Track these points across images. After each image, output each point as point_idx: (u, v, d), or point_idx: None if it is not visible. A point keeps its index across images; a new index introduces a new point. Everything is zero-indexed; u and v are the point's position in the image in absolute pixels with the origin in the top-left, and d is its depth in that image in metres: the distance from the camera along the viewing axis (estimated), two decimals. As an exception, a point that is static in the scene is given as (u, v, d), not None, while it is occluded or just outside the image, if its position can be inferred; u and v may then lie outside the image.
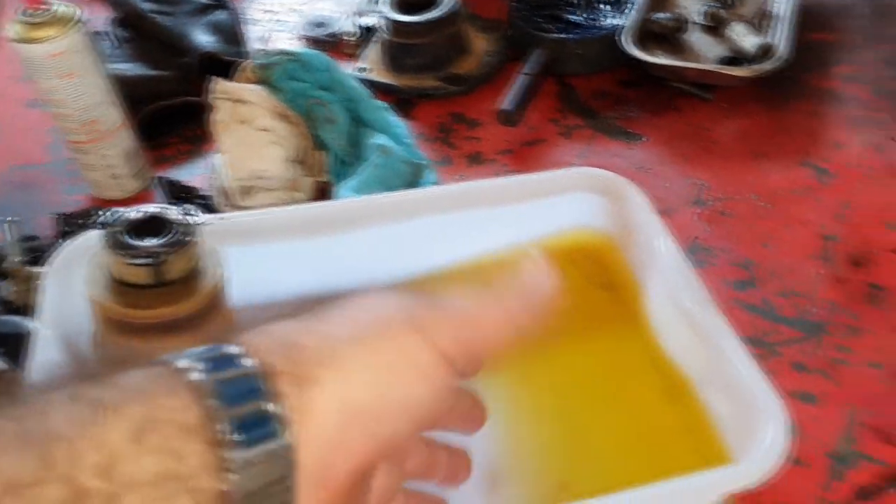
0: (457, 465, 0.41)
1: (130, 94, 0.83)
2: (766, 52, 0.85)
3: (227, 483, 0.27)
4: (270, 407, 0.28)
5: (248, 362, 0.29)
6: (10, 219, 0.67)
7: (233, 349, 0.30)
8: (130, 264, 0.52)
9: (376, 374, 0.31)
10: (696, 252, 0.72)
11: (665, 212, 0.75)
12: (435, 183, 0.80)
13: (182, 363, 0.29)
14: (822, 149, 0.80)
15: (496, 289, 0.37)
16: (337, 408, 0.30)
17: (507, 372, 0.64)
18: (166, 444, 0.27)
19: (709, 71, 0.84)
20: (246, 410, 0.28)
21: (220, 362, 0.29)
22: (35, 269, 0.64)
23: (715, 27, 0.90)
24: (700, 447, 0.58)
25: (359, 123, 0.82)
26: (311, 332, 0.31)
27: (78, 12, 0.73)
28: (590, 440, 0.59)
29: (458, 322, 0.35)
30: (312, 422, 0.29)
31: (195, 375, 0.28)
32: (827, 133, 0.82)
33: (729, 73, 0.83)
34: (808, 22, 0.93)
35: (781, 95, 0.86)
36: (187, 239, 0.53)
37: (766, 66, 0.82)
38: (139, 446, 0.26)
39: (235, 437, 0.27)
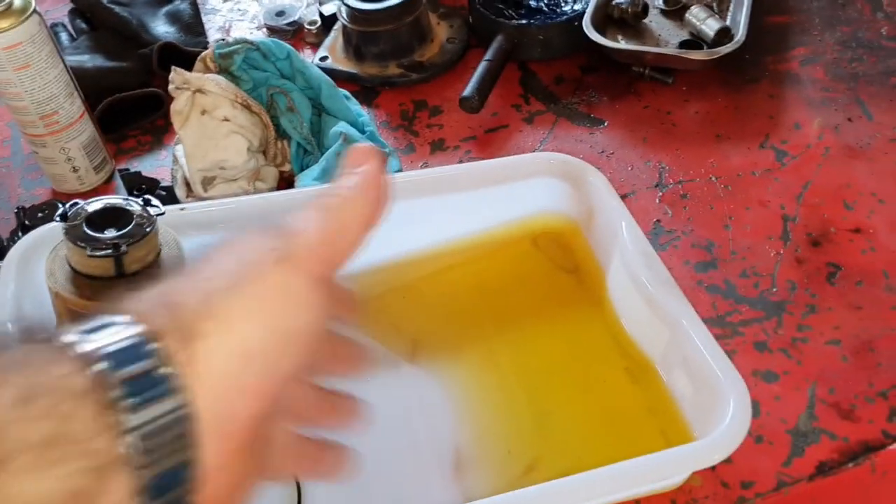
0: (348, 409, 0.42)
1: (89, 85, 0.82)
2: (724, 35, 0.86)
3: (123, 445, 0.27)
4: (160, 367, 0.28)
5: (133, 328, 0.29)
6: (-34, 213, 0.66)
7: (117, 318, 0.30)
8: (91, 256, 0.51)
9: (257, 315, 0.31)
10: (658, 234, 0.73)
11: (627, 195, 0.77)
12: (399, 169, 0.80)
13: (68, 337, 0.29)
14: (781, 130, 0.81)
15: (338, 191, 0.38)
16: (226, 356, 0.30)
17: (471, 355, 0.64)
18: (55, 408, 0.26)
19: (668, 55, 0.85)
20: (135, 372, 0.28)
21: (106, 331, 0.29)
22: (-7, 264, 0.63)
23: (675, 11, 0.91)
24: (664, 427, 0.59)
25: (320, 112, 0.82)
26: (189, 289, 0.32)
27: (33, 3, 0.72)
28: (555, 422, 0.60)
29: (318, 240, 0.35)
30: (205, 374, 0.29)
31: (82, 346, 0.28)
32: (786, 115, 0.83)
33: (688, 56, 0.84)
34: (765, 5, 0.94)
35: (740, 78, 0.87)
36: (147, 230, 0.53)
37: (725, 49, 0.83)
38: (26, 411, 0.26)
39: (128, 400, 0.27)
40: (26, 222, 0.67)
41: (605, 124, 0.84)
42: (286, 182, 0.80)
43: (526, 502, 0.48)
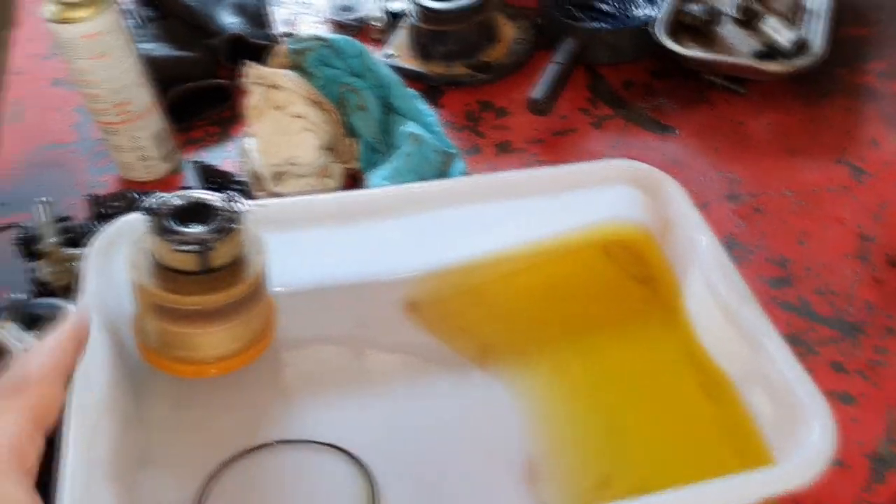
0: None
1: (157, 75, 0.82)
2: (800, 47, 0.84)
3: None
4: None
5: None
6: (43, 199, 0.66)
7: None
8: (177, 250, 0.51)
9: None
10: (732, 248, 0.72)
11: (699, 206, 0.75)
12: (464, 172, 0.79)
13: None
14: (857, 146, 0.80)
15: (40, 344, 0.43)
16: None
17: (541, 362, 0.64)
18: None
19: (743, 65, 0.84)
20: None
21: None
22: (71, 251, 0.64)
23: (748, 20, 0.90)
24: (740, 445, 0.58)
25: (389, 111, 0.82)
26: None
27: (112, -7, 0.72)
28: (628, 436, 0.59)
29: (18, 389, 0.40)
30: None
31: None
32: (863, 130, 0.81)
33: (763, 68, 0.82)
34: (843, 16, 0.92)
35: (816, 91, 0.86)
36: (233, 226, 0.53)
37: (801, 61, 0.81)
38: None
39: None
40: (101, 211, 0.67)
41: (676, 132, 0.83)
42: (352, 179, 0.80)
43: (608, 519, 0.47)
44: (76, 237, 0.67)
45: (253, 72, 0.73)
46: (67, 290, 0.64)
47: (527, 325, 0.66)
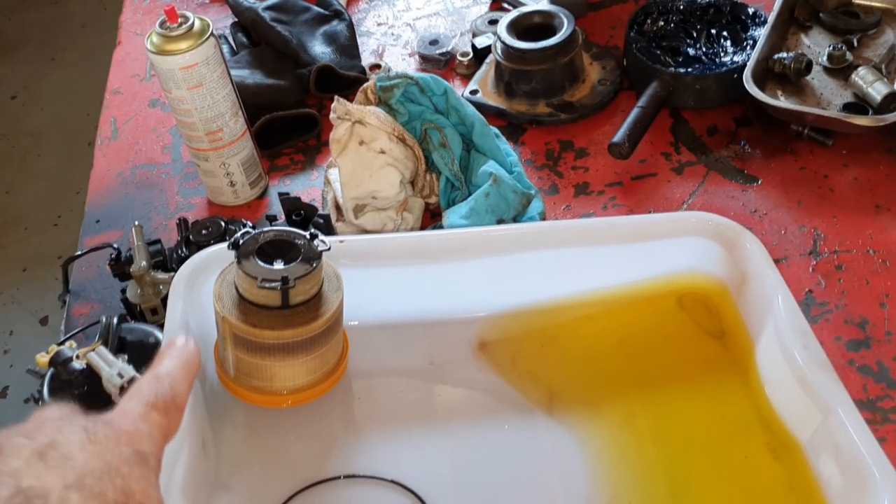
0: None
1: (247, 101, 0.85)
2: (892, 100, 0.82)
3: None
4: None
5: None
6: (136, 223, 0.70)
7: None
8: (260, 287, 0.53)
9: None
10: (810, 306, 0.70)
11: (779, 260, 0.75)
12: (542, 211, 0.80)
13: None
14: (947, 206, 0.78)
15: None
16: None
17: (609, 412, 0.64)
18: None
19: (831, 118, 0.82)
20: None
21: None
22: (160, 276, 0.67)
23: (840, 70, 0.88)
24: (805, 511, 0.57)
25: (471, 148, 0.83)
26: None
27: (210, 26, 0.75)
28: (691, 492, 0.59)
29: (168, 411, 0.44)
30: None
31: None
32: (953, 190, 0.79)
33: (852, 121, 0.81)
34: (938, 70, 0.90)
35: (906, 146, 0.84)
36: (314, 265, 0.55)
37: (892, 116, 0.79)
38: None
39: None
40: (190, 237, 0.70)
41: (759, 182, 0.82)
42: (431, 214, 0.81)
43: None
44: (166, 261, 0.70)
45: (340, 107, 0.75)
46: (154, 312, 0.67)
47: (596, 372, 0.67)
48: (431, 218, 0.81)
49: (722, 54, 0.91)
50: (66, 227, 2.05)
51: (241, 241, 0.55)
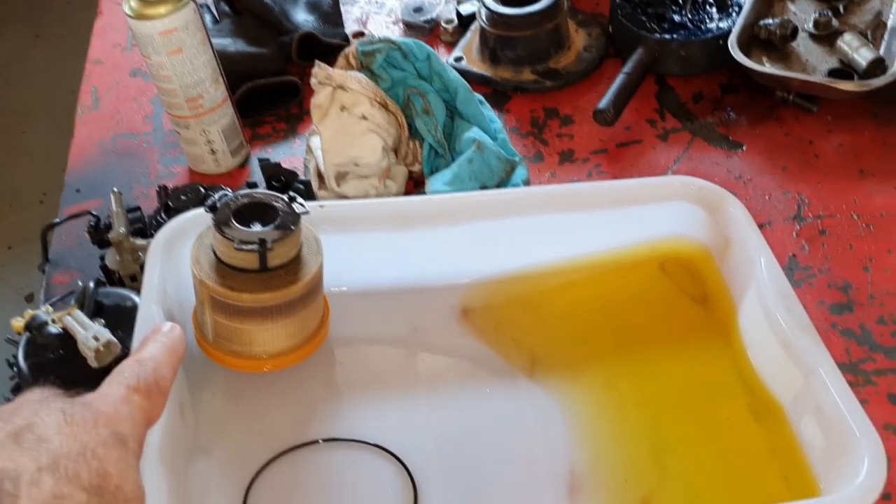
0: None
1: (229, 69, 0.84)
2: (878, 66, 0.82)
3: None
4: None
5: None
6: (115, 189, 0.69)
7: None
8: (238, 249, 0.53)
9: None
10: (794, 270, 0.70)
11: (763, 225, 0.74)
12: (527, 179, 0.79)
13: None
14: (931, 171, 0.77)
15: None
16: None
17: (591, 376, 0.64)
18: None
19: (816, 83, 0.82)
20: None
21: None
22: (139, 242, 0.66)
23: (826, 36, 0.87)
24: (786, 472, 0.57)
25: (454, 115, 0.82)
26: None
27: (190, -10, 0.74)
28: (673, 454, 0.59)
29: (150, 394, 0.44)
30: None
31: None
32: (938, 154, 0.79)
33: (837, 86, 0.80)
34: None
35: (892, 112, 0.83)
36: (292, 228, 0.54)
37: (878, 81, 0.79)
38: None
39: None
40: (169, 203, 0.69)
41: (744, 148, 0.82)
42: (414, 182, 0.81)
43: (647, 540, 0.47)
44: (144, 228, 0.69)
45: (321, 72, 0.74)
46: (133, 278, 0.66)
47: (578, 337, 0.66)
48: (415, 186, 0.81)
49: (707, 21, 0.90)
50: (51, 204, 2.03)
51: (218, 204, 0.55)
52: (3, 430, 0.35)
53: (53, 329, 0.55)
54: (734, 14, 0.89)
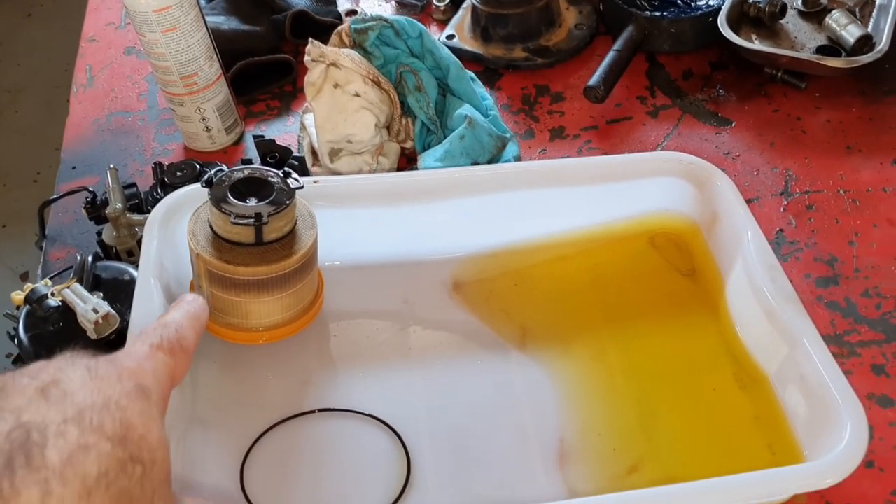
0: None
1: (223, 47, 0.85)
2: (865, 43, 0.83)
3: None
4: None
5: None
6: (111, 166, 0.70)
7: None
8: (234, 223, 0.53)
9: None
10: (781, 244, 0.71)
11: (751, 201, 0.75)
12: (518, 155, 0.80)
13: None
14: (917, 147, 0.79)
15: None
16: None
17: (580, 348, 0.65)
18: None
19: (804, 60, 0.82)
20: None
21: None
22: (135, 217, 0.67)
23: (814, 13, 0.88)
24: (771, 440, 0.58)
25: (446, 92, 0.83)
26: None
27: (183, -33, 0.74)
28: (661, 424, 0.60)
29: (174, 352, 0.45)
30: None
31: None
32: (924, 131, 0.80)
33: (825, 63, 0.81)
34: (912, 13, 0.90)
35: (878, 88, 0.84)
36: (287, 202, 0.55)
37: (866, 58, 0.80)
38: None
39: None
40: (165, 179, 0.70)
41: (733, 125, 0.83)
42: (407, 159, 0.81)
43: (633, 504, 0.49)
44: (141, 204, 0.70)
45: (314, 50, 0.75)
46: (130, 254, 0.67)
47: (568, 310, 0.68)
48: (408, 163, 0.82)
49: (698, -2, 0.91)
50: (46, 183, 2.04)
51: (214, 179, 0.55)
52: (30, 386, 0.36)
53: (53, 302, 0.56)
54: (724, -9, 0.90)
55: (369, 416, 0.59)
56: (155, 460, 0.37)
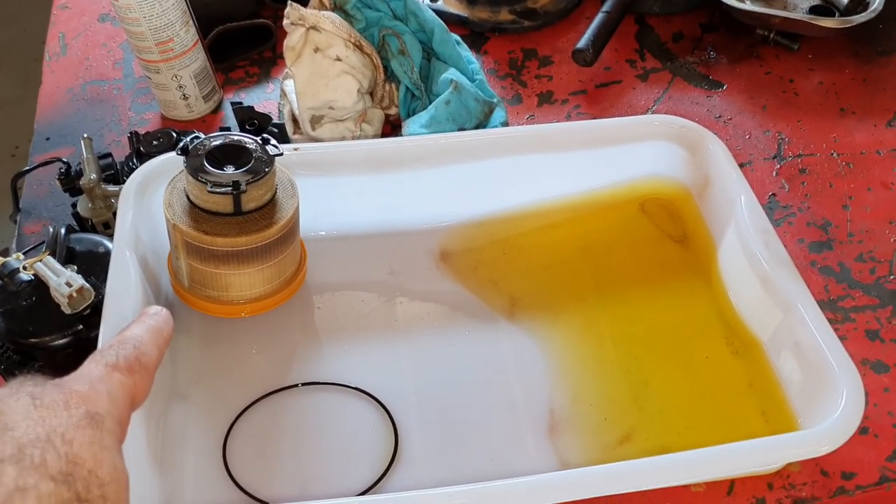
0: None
1: (200, 13, 0.82)
2: (858, 3, 0.81)
3: None
4: None
5: None
6: (85, 136, 0.67)
7: None
8: (210, 192, 0.52)
9: None
10: (774, 209, 0.70)
11: (743, 165, 0.74)
12: (505, 121, 0.78)
13: None
14: (911, 108, 0.77)
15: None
16: None
17: (570, 317, 0.63)
18: None
19: (797, 20, 0.81)
20: None
21: None
22: (111, 188, 0.65)
23: (806, -27, 0.86)
24: (765, 407, 0.57)
25: (431, 56, 0.80)
26: None
27: (155, -72, 0.72)
28: (653, 393, 0.59)
29: (132, 370, 0.41)
30: None
31: None
32: (918, 92, 0.79)
33: (818, 23, 0.79)
34: (905, -28, 0.89)
35: (871, 49, 0.83)
36: (266, 170, 0.53)
37: (859, 18, 0.78)
38: None
39: None
40: (141, 149, 0.68)
41: (724, 87, 0.81)
42: (391, 126, 0.79)
43: (626, 476, 0.48)
44: (117, 175, 0.68)
45: (293, 12, 0.72)
46: (107, 225, 0.65)
47: (557, 279, 0.66)
48: (392, 130, 0.79)
49: (688, -42, 0.89)
50: (24, 157, 2.00)
51: (190, 147, 0.53)
52: None
53: (25, 276, 0.54)
54: (714, -50, 0.88)
55: (355, 388, 0.58)
56: (106, 496, 0.34)
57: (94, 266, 0.57)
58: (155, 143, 0.68)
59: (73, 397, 0.36)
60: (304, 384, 0.58)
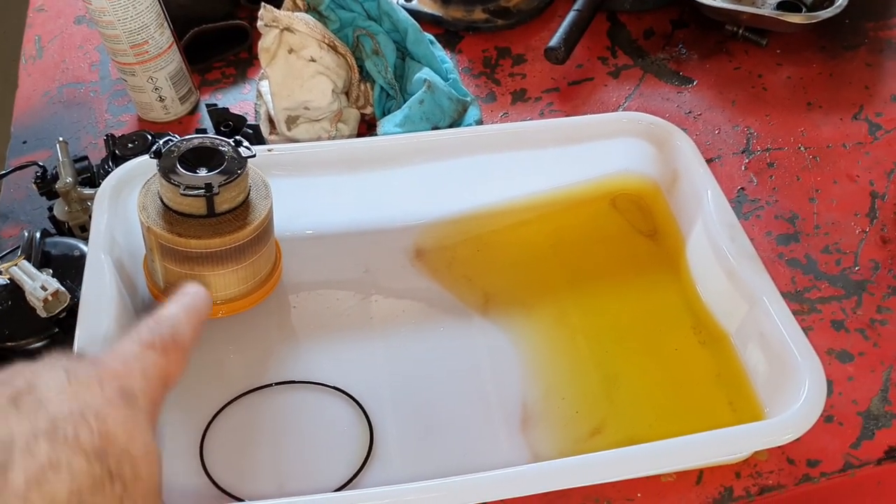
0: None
1: (176, 14, 0.82)
2: (825, -2, 0.83)
3: None
4: None
5: None
6: (61, 139, 0.68)
7: None
8: (183, 194, 0.52)
9: None
10: (742, 203, 0.71)
11: (712, 160, 0.75)
12: (479, 119, 0.79)
13: None
14: (876, 102, 0.78)
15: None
16: None
17: (543, 312, 0.65)
18: None
19: (764, 16, 0.82)
20: None
21: None
22: (87, 191, 0.65)
23: (774, -31, 0.88)
24: (732, 398, 0.59)
25: (405, 56, 0.81)
26: None
27: (128, -69, 0.72)
28: (623, 385, 0.60)
29: (167, 350, 0.41)
30: None
31: None
32: (883, 85, 0.80)
33: (785, 19, 0.81)
34: (871, -33, 0.90)
35: (838, 44, 0.84)
36: (239, 172, 0.54)
37: (825, 13, 0.80)
38: None
39: None
40: (116, 152, 0.68)
41: (695, 83, 0.82)
42: (367, 125, 0.80)
43: (596, 467, 0.49)
44: (93, 178, 0.69)
45: (267, 14, 0.73)
46: (83, 229, 0.66)
47: (531, 274, 0.67)
48: (368, 129, 0.80)
49: (658, -45, 0.90)
50: (0, 161, 2.00)
51: (163, 150, 0.54)
52: (1, 395, 0.32)
53: (0, 280, 0.55)
54: (684, -52, 0.89)
55: (331, 387, 0.58)
56: (138, 475, 0.34)
57: (70, 269, 0.57)
58: (130, 145, 0.68)
59: (106, 374, 0.36)
60: (277, 383, 0.58)
